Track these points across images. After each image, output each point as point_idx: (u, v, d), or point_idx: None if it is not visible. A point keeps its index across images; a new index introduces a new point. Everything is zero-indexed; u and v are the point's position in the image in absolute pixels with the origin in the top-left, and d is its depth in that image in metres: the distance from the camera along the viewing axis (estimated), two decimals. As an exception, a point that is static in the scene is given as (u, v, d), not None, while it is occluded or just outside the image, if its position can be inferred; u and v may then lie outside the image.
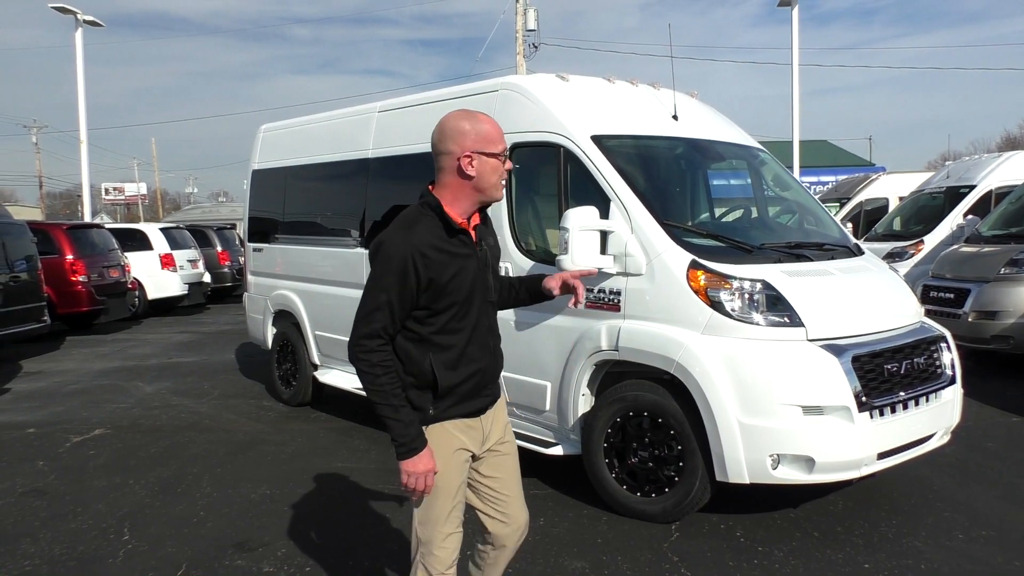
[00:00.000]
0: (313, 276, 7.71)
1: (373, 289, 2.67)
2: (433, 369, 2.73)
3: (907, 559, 4.31)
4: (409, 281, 2.63)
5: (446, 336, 2.75)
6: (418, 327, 2.74)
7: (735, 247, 5.00)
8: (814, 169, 40.16)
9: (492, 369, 2.90)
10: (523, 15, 28.42)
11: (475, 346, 2.81)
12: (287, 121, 8.48)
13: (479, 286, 2.80)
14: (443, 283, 2.68)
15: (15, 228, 11.76)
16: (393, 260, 2.63)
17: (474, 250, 2.80)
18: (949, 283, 9.65)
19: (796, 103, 22.49)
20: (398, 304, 2.65)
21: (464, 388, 2.79)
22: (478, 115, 2.80)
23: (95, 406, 8.50)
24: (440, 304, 2.71)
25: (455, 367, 2.76)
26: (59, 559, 4.55)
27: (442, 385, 2.74)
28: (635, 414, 4.86)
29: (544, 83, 5.71)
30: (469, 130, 2.73)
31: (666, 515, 4.77)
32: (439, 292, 2.68)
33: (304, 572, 4.31)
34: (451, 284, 2.69)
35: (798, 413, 4.37)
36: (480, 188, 2.77)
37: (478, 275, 2.79)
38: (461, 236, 2.75)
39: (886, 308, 5.05)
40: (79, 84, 24.19)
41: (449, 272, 2.69)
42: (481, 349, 2.84)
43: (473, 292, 2.77)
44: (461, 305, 2.75)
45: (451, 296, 2.71)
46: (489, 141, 2.75)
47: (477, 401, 2.86)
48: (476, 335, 2.81)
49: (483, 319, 2.84)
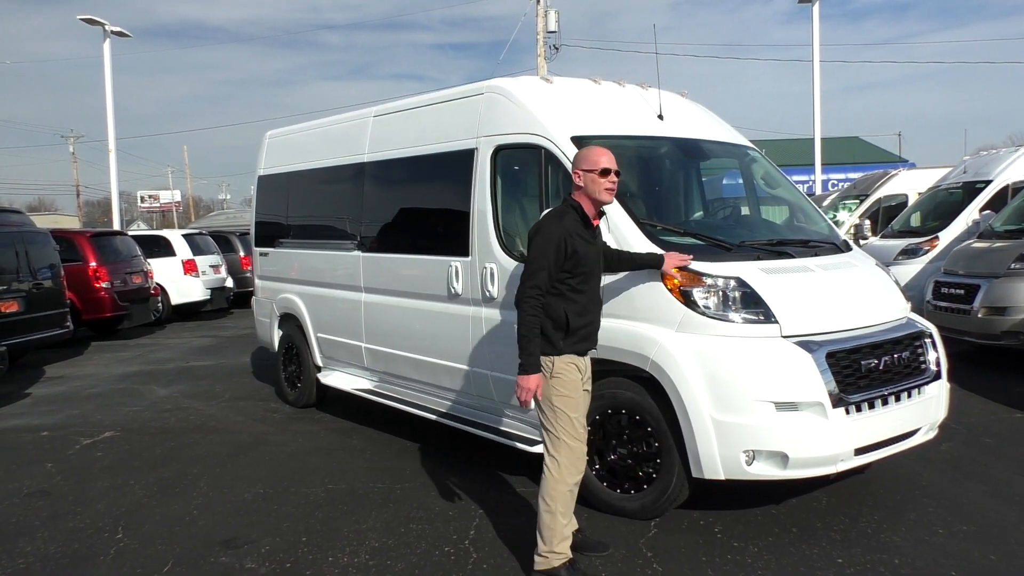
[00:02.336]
0: (314, 279, 7.84)
1: (538, 257, 3.98)
2: (566, 315, 4.04)
3: (882, 554, 4.31)
4: (560, 252, 3.97)
5: (576, 295, 4.07)
6: (559, 286, 4.04)
7: (714, 245, 5.02)
8: (843, 166, 39.76)
9: (598, 320, 4.26)
10: (544, 17, 28.50)
11: (593, 303, 4.20)
12: (291, 127, 8.63)
13: (598, 264, 4.22)
14: (581, 257, 4.02)
15: (39, 236, 12.05)
16: (552, 237, 3.98)
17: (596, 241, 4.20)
18: (960, 279, 9.55)
19: (817, 100, 22.35)
20: (554, 267, 3.98)
21: (583, 332, 4.11)
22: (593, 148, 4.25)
23: (109, 409, 8.70)
24: (577, 270, 4.03)
25: (580, 315, 4.08)
26: (53, 557, 4.70)
27: (572, 326, 4.05)
28: (614, 412, 4.91)
29: (527, 85, 5.77)
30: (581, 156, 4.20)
31: (645, 512, 4.80)
32: (578, 262, 4.02)
33: (284, 568, 4.41)
34: (586, 259, 4.05)
35: (771, 409, 4.39)
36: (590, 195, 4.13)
37: (598, 257, 4.21)
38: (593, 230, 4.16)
39: (867, 304, 5.04)
40: (107, 94, 24.71)
41: (584, 250, 4.04)
42: (596, 306, 4.24)
43: (595, 267, 4.17)
44: (588, 274, 4.09)
45: (584, 266, 4.05)
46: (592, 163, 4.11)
47: (587, 343, 4.20)
48: (593, 297, 4.18)
49: (597, 287, 4.25)
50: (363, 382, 7.43)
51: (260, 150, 8.92)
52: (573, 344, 4.08)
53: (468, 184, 5.83)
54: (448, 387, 6.27)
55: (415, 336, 6.51)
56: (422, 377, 6.54)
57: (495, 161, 5.71)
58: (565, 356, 4.07)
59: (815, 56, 22.25)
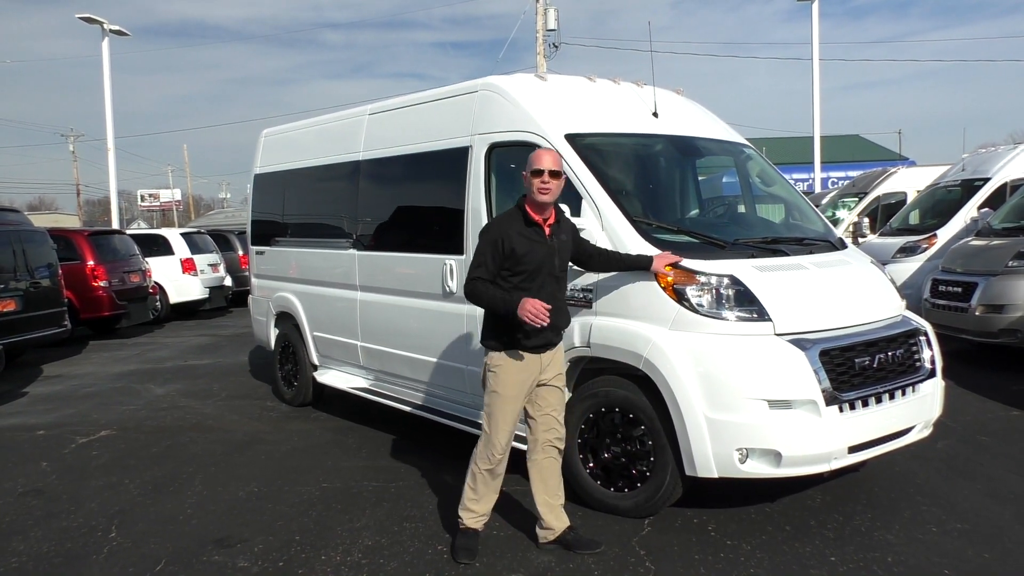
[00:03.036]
0: (310, 278, 7.84)
1: (477, 254, 4.23)
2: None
3: (875, 552, 4.31)
4: (497, 250, 4.16)
5: (519, 292, 4.13)
6: (503, 283, 4.20)
7: (708, 243, 5.00)
8: (843, 164, 39.76)
9: (554, 320, 4.15)
10: (543, 15, 28.48)
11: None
12: (287, 125, 8.63)
13: (547, 264, 4.22)
14: (520, 255, 4.15)
15: (36, 235, 12.04)
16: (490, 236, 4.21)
17: (545, 239, 4.23)
18: (958, 277, 9.53)
19: (816, 98, 22.33)
20: (491, 264, 4.18)
21: (524, 328, 4.13)
22: (537, 150, 4.38)
23: (105, 408, 8.70)
24: (518, 268, 4.16)
25: None
26: (46, 556, 4.69)
27: (513, 322, 4.11)
28: (607, 410, 4.90)
29: (521, 83, 5.76)
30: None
31: (638, 510, 4.80)
32: (517, 260, 4.15)
33: (277, 567, 4.40)
34: (527, 257, 4.16)
35: (764, 407, 4.38)
36: (530, 195, 4.23)
37: (547, 256, 4.22)
38: (536, 228, 4.22)
39: (862, 302, 5.03)
40: (106, 92, 24.69)
41: (525, 249, 4.16)
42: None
43: (541, 266, 4.20)
44: (531, 273, 4.18)
45: (525, 264, 4.16)
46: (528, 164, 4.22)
47: (534, 340, 4.23)
48: (540, 295, 4.13)
49: (547, 286, 4.24)
50: (359, 380, 7.43)
51: (256, 148, 8.91)
52: (519, 340, 4.22)
53: (462, 182, 5.82)
54: (443, 385, 6.26)
55: (410, 334, 6.51)
56: (417, 375, 6.53)
57: (489, 159, 5.70)
58: (505, 352, 4.26)
59: (814, 54, 22.23)
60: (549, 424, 4.42)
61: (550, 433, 4.43)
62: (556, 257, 4.28)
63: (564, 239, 4.38)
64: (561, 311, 4.36)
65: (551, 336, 4.35)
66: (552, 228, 4.31)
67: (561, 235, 4.36)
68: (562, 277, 4.41)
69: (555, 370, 4.44)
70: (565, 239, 4.40)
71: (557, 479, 4.50)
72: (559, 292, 4.37)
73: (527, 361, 4.28)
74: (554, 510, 4.46)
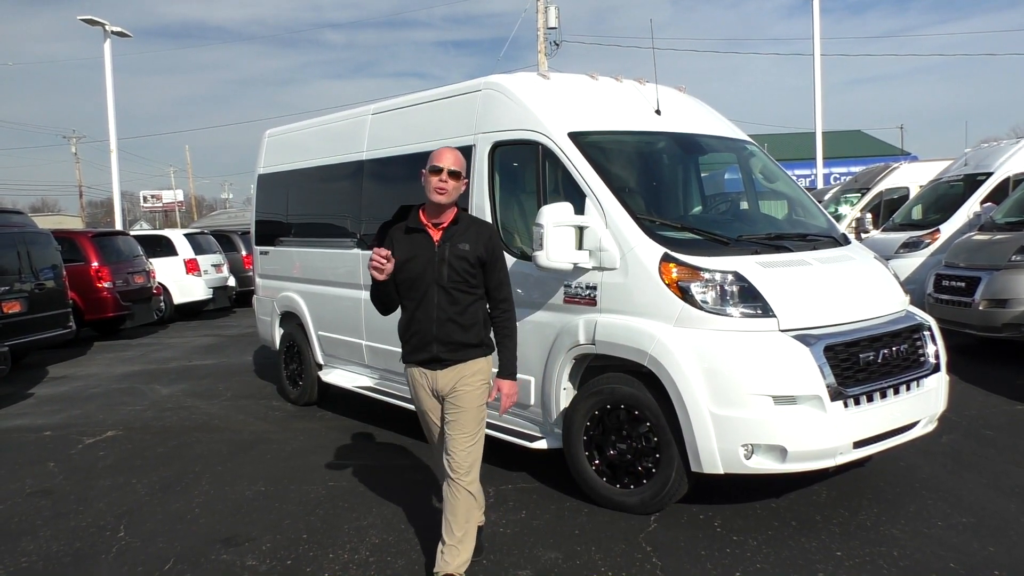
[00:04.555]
0: (314, 278, 7.85)
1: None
2: (400, 323, 3.94)
3: (881, 546, 4.32)
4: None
5: (405, 302, 3.88)
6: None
7: (711, 240, 5.02)
8: (845, 160, 39.72)
9: (431, 334, 3.81)
10: (544, 13, 28.51)
11: (422, 314, 3.82)
12: (290, 125, 8.65)
13: (429, 272, 3.77)
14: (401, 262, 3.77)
15: (40, 237, 12.07)
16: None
17: (431, 246, 3.80)
18: (961, 272, 9.54)
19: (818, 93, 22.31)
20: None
21: (413, 342, 3.87)
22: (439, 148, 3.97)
23: (111, 409, 8.73)
24: (399, 277, 3.81)
25: (407, 325, 3.90)
26: (55, 556, 4.72)
27: (400, 335, 3.95)
28: (612, 407, 4.91)
29: (524, 82, 5.77)
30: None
31: (644, 506, 4.81)
32: (398, 267, 3.77)
33: (285, 565, 4.42)
34: (406, 265, 3.78)
35: (769, 403, 4.39)
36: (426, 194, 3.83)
37: (429, 263, 3.78)
38: (422, 234, 3.82)
39: (866, 297, 5.04)
40: (108, 94, 24.73)
41: (404, 256, 3.78)
42: (425, 317, 3.81)
43: (423, 274, 3.78)
44: (410, 282, 3.81)
45: (403, 272, 3.79)
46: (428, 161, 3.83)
47: (422, 354, 3.85)
48: (421, 307, 3.81)
49: (431, 301, 3.79)
50: (364, 379, 7.44)
51: (259, 149, 8.93)
52: (407, 354, 3.93)
53: (466, 181, 5.81)
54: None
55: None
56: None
57: (493, 158, 5.72)
58: (406, 366, 3.99)
59: (815, 50, 22.22)
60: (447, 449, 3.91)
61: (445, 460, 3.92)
62: (445, 267, 3.76)
63: (464, 249, 3.79)
64: (453, 324, 3.79)
65: (439, 351, 3.81)
66: (446, 233, 3.81)
67: (460, 244, 3.79)
68: (460, 291, 3.79)
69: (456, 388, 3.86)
70: (467, 249, 3.79)
71: (452, 515, 3.84)
72: (455, 306, 3.80)
73: (424, 376, 3.90)
74: (445, 550, 3.84)
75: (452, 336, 3.80)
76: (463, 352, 3.85)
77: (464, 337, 3.83)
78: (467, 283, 3.80)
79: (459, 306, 3.80)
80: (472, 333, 3.85)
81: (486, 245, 3.85)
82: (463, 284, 3.79)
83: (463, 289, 3.80)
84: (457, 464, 3.83)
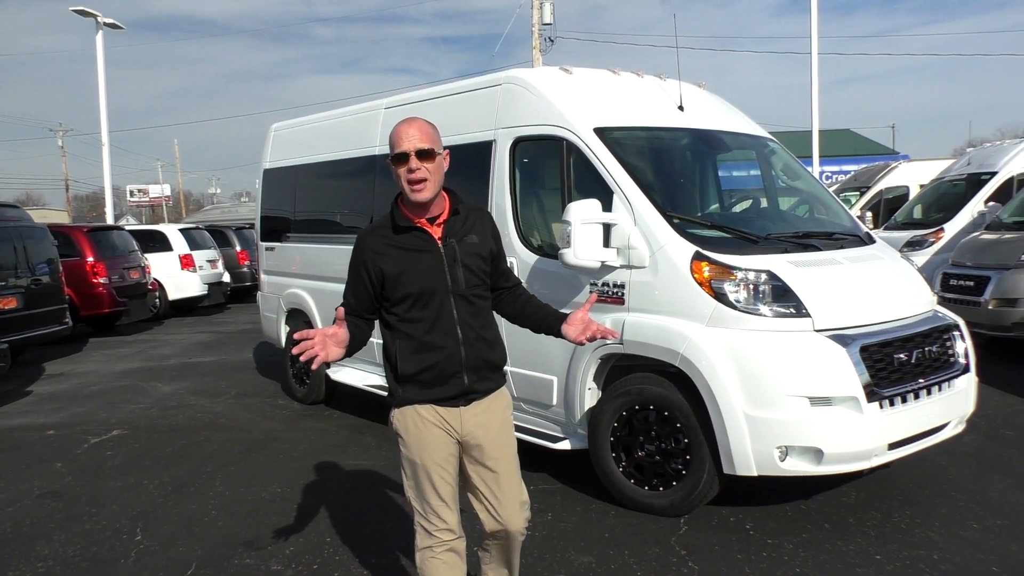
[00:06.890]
0: (323, 274, 7.73)
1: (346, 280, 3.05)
2: (396, 355, 2.95)
3: (920, 549, 4.26)
4: (362, 279, 2.95)
5: (407, 325, 2.93)
6: (386, 315, 2.99)
7: (741, 238, 4.95)
8: (836, 159, 39.78)
9: (458, 360, 2.94)
10: (539, 9, 28.41)
11: (439, 333, 2.91)
12: (297, 119, 8.52)
13: (439, 278, 2.90)
14: (394, 277, 2.88)
15: (36, 232, 11.89)
16: (353, 261, 2.99)
17: (433, 244, 2.93)
18: (969, 271, 9.51)
19: (815, 92, 22.27)
20: (352, 296, 3.00)
21: (425, 377, 2.92)
22: (395, 127, 2.96)
23: (114, 407, 8.58)
24: (396, 295, 2.90)
25: (416, 354, 2.92)
26: (72, 560, 4.59)
27: (401, 371, 2.93)
28: (641, 407, 4.83)
29: (547, 76, 5.68)
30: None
31: (674, 508, 4.74)
32: (393, 285, 2.89)
33: (312, 570, 4.32)
34: (405, 277, 2.88)
35: (805, 404, 4.32)
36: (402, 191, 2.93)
37: (436, 268, 2.90)
38: (416, 233, 2.92)
39: (896, 297, 4.98)
40: (100, 87, 24.40)
41: (400, 268, 2.88)
42: (446, 339, 2.91)
43: (432, 282, 2.90)
44: (416, 296, 2.89)
45: (405, 287, 2.88)
46: (390, 147, 2.91)
47: (445, 388, 2.94)
48: (439, 324, 2.91)
49: (449, 314, 2.92)
50: (374, 378, 7.34)
51: (265, 143, 8.80)
52: (415, 391, 2.94)
53: (486, 177, 5.73)
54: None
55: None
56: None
57: (514, 154, 5.62)
58: (406, 408, 2.96)
59: (813, 48, 22.15)
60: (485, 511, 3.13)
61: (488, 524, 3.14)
62: (460, 269, 2.93)
63: (475, 242, 3.00)
64: (482, 342, 2.98)
65: (472, 381, 2.96)
66: (448, 227, 2.96)
67: (467, 235, 2.99)
68: (480, 296, 3.02)
69: (493, 429, 3.04)
70: (476, 241, 3.01)
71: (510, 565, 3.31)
72: (478, 318, 2.99)
73: (441, 413, 2.96)
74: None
75: (484, 357, 2.98)
76: (495, 378, 3.06)
77: (494, 357, 3.03)
78: (484, 285, 3.04)
79: (481, 318, 3.01)
80: (498, 351, 3.06)
81: (493, 233, 3.11)
82: (481, 287, 3.02)
83: (481, 294, 3.02)
84: (510, 514, 3.09)
